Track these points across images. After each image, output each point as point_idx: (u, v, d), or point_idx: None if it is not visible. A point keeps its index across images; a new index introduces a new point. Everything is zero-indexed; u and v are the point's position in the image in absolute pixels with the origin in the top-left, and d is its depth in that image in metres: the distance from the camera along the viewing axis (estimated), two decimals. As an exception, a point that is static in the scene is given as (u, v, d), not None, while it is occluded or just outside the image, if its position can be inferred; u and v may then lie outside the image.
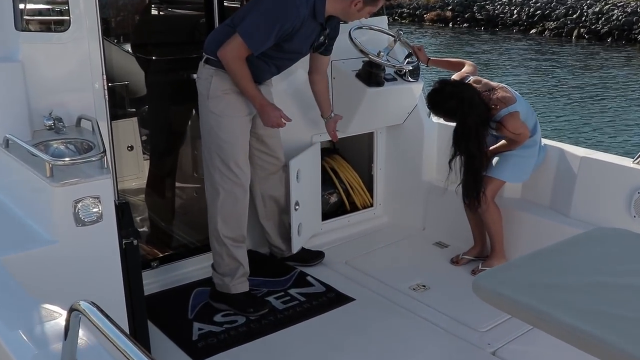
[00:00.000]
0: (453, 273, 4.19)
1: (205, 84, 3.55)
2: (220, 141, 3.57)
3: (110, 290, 2.78)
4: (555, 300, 2.16)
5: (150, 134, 4.96)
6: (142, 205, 4.62)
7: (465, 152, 3.95)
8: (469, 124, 3.88)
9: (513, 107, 3.93)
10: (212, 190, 3.68)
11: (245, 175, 3.68)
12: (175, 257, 4.15)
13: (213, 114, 3.56)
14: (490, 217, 4.08)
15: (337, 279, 4.07)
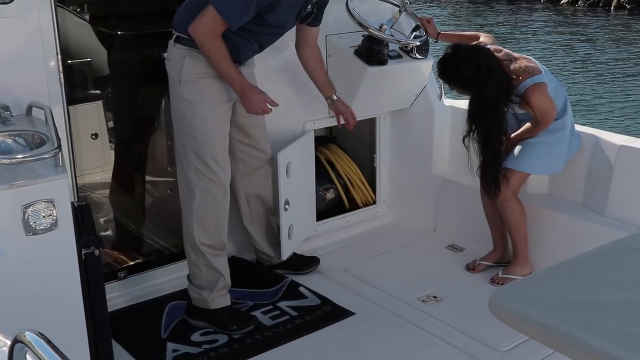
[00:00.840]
0: (469, 282, 4.19)
1: (176, 66, 3.52)
2: (196, 133, 3.55)
3: (67, 309, 2.77)
4: (586, 321, 2.14)
5: (117, 119, 4.94)
6: (107, 204, 4.63)
7: (482, 127, 3.92)
8: (486, 95, 3.85)
9: (539, 77, 3.90)
10: (186, 191, 3.66)
11: (225, 173, 3.66)
12: (145, 265, 4.13)
13: (186, 101, 3.53)
14: (512, 216, 4.06)
15: (335, 290, 4.07)
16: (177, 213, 4.37)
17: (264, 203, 4.13)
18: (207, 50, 3.40)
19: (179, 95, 3.55)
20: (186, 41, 3.47)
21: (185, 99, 3.53)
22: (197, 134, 3.55)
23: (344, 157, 4.87)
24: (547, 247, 4.10)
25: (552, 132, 4.02)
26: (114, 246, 4.32)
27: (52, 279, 2.72)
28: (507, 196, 4.03)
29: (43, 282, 2.70)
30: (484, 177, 4.04)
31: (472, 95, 3.93)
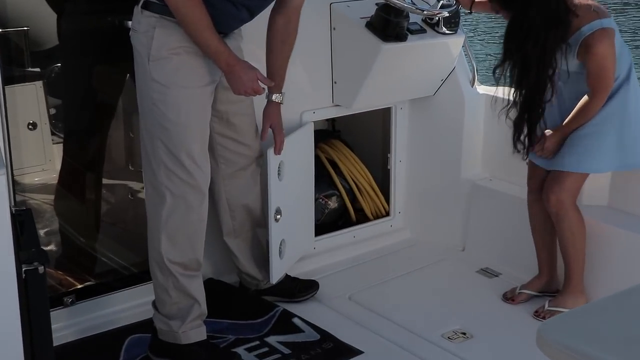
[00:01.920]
0: (507, 315, 4.21)
1: (143, 39, 3.51)
2: (167, 122, 3.54)
3: (2, 340, 2.77)
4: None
5: (64, 105, 4.94)
6: (49, 212, 4.64)
7: (518, 56, 3.89)
8: (532, 17, 3.77)
9: (608, 21, 3.86)
10: (154, 196, 3.65)
11: (203, 173, 3.67)
12: (99, 289, 4.14)
13: (156, 82, 3.52)
14: (569, 229, 4.06)
15: (338, 322, 4.08)
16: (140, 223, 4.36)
17: (251, 212, 4.15)
18: (185, 17, 3.39)
19: (147, 75, 3.53)
20: (157, 7, 3.46)
21: (155, 79, 3.51)
22: (169, 124, 3.53)
23: (351, 157, 4.91)
24: (605, 272, 4.12)
25: (614, 115, 4.00)
26: (59, 265, 4.33)
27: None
28: (564, 202, 4.02)
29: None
30: (515, 131, 4.01)
31: (512, 15, 3.86)
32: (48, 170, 4.81)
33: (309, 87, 4.20)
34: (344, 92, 4.52)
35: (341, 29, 4.43)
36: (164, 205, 3.61)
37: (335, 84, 4.53)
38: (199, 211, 3.69)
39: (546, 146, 4.02)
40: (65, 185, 4.61)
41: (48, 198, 4.71)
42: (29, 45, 4.41)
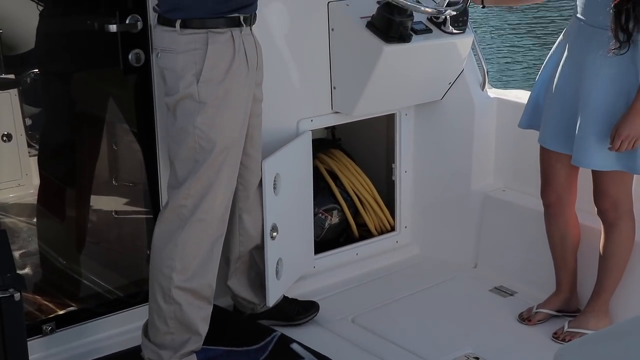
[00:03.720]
0: (523, 337, 4.21)
1: (191, 57, 3.52)
2: (212, 147, 3.57)
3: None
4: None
5: (41, 116, 4.95)
6: (25, 232, 4.66)
7: None
8: None
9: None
10: (173, 216, 3.66)
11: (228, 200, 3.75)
12: (80, 315, 4.12)
13: (204, 105, 3.53)
14: (623, 241, 4.06)
15: (340, 347, 4.08)
16: (125, 243, 4.39)
17: (253, 234, 4.16)
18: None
19: (191, 98, 3.55)
20: (204, 22, 3.48)
21: (202, 101, 3.53)
22: (215, 150, 3.57)
23: (352, 168, 4.92)
24: (632, 292, 4.13)
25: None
26: (38, 289, 4.33)
27: None
28: (620, 208, 4.02)
29: None
30: (621, 5, 3.72)
31: None
32: (24, 186, 4.82)
33: (306, 93, 4.21)
34: (344, 97, 4.53)
35: (340, 30, 4.44)
36: (184, 227, 3.62)
37: (335, 89, 4.53)
38: (219, 240, 3.74)
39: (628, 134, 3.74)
40: (43, 202, 4.61)
41: (25, 216, 4.71)
42: (3, 49, 4.42)
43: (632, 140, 3.77)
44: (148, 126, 4.12)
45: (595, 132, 3.88)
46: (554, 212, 4.22)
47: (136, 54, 3.98)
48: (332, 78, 4.51)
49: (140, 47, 3.97)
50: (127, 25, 3.94)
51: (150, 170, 4.19)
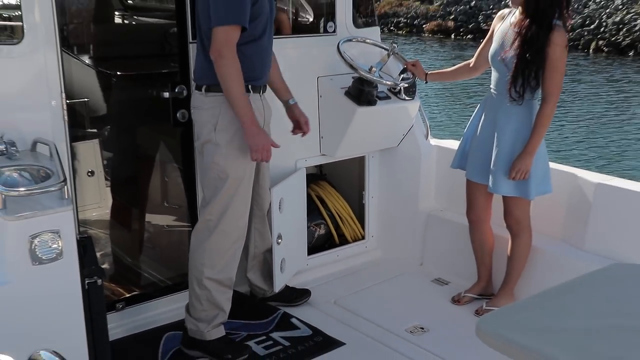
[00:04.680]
0: (454, 313, 4.22)
1: (211, 113, 3.50)
2: (226, 176, 3.55)
3: (71, 336, 2.79)
4: (568, 345, 2.19)
5: (114, 158, 4.96)
6: (104, 239, 4.63)
7: (538, 16, 3.69)
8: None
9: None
10: (204, 228, 3.64)
11: (246, 216, 3.70)
12: (143, 297, 4.14)
13: (220, 147, 3.52)
14: (523, 245, 4.07)
15: (325, 321, 4.08)
16: (174, 248, 4.38)
17: (265, 241, 4.16)
18: (225, 67, 3.32)
19: (212, 142, 3.53)
20: (219, 88, 3.45)
21: (220, 144, 3.51)
22: (228, 177, 3.55)
23: (334, 194, 4.91)
24: (529, 280, 4.13)
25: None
26: (112, 279, 4.32)
27: (56, 308, 2.74)
28: (522, 223, 4.02)
29: (48, 310, 2.72)
30: (518, 73, 3.76)
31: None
32: (102, 207, 4.80)
33: (302, 140, 4.25)
34: (328, 144, 4.54)
35: (326, 96, 4.46)
36: (211, 236, 3.61)
37: (322, 138, 4.54)
38: (238, 243, 3.72)
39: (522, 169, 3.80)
40: (116, 218, 4.61)
41: (102, 228, 4.71)
42: (89, 112, 4.44)
43: (523, 173, 3.82)
44: (189, 164, 4.12)
45: (503, 169, 3.89)
46: (476, 226, 4.23)
47: (182, 112, 4.01)
48: (320, 130, 4.51)
49: (185, 108, 3.98)
50: (176, 92, 3.97)
51: (190, 195, 4.20)
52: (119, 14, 5.04)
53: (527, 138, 3.84)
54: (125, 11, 5.06)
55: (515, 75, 3.77)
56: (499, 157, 3.91)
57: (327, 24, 4.59)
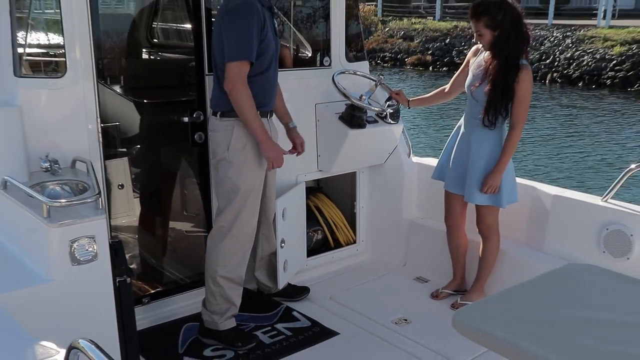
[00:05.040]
0: (433, 307, 4.21)
1: (225, 134, 3.52)
2: (237, 189, 3.56)
3: (104, 327, 2.80)
4: (530, 334, 2.22)
5: (141, 173, 4.97)
6: (132, 242, 4.63)
7: (505, 57, 3.72)
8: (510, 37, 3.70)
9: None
10: (218, 233, 3.66)
11: (254, 223, 3.71)
12: (165, 293, 4.14)
13: (232, 164, 3.53)
14: (492, 247, 4.07)
15: (322, 314, 4.08)
16: (192, 250, 4.38)
17: (270, 244, 4.17)
18: (239, 98, 3.35)
19: (225, 159, 3.55)
20: (231, 113, 3.48)
21: (231, 161, 3.52)
22: (239, 191, 3.56)
23: (330, 204, 4.90)
24: (497, 278, 4.14)
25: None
26: (139, 277, 4.32)
27: (92, 302, 2.76)
28: (492, 228, 4.03)
29: (85, 304, 2.73)
30: (490, 105, 3.78)
31: (499, 32, 3.72)
32: (130, 215, 4.79)
33: (302, 158, 4.25)
34: (325, 161, 4.55)
35: (322, 120, 4.47)
36: (224, 240, 3.63)
37: (319, 156, 4.55)
38: (248, 245, 3.73)
39: (493, 184, 3.85)
40: (143, 225, 4.62)
41: (131, 233, 4.70)
42: (120, 134, 4.45)
43: (493, 188, 3.85)
44: (205, 178, 4.14)
45: (477, 182, 3.92)
46: (452, 231, 4.24)
47: (199, 134, 4.03)
48: (317, 149, 4.52)
49: (201, 130, 4.01)
50: (194, 117, 4.00)
51: (206, 205, 4.21)
52: (146, 50, 5.06)
53: (497, 158, 3.87)
54: (152, 48, 5.08)
55: (488, 108, 3.81)
56: (474, 173, 3.93)
57: (323, 58, 4.61)
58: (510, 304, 2.48)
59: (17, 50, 3.32)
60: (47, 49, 3.61)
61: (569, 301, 2.46)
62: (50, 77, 3.43)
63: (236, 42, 3.35)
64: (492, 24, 3.74)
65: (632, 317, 2.33)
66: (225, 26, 3.39)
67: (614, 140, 14.80)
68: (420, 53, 27.75)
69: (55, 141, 3.33)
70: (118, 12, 5.52)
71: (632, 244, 3.74)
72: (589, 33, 23.90)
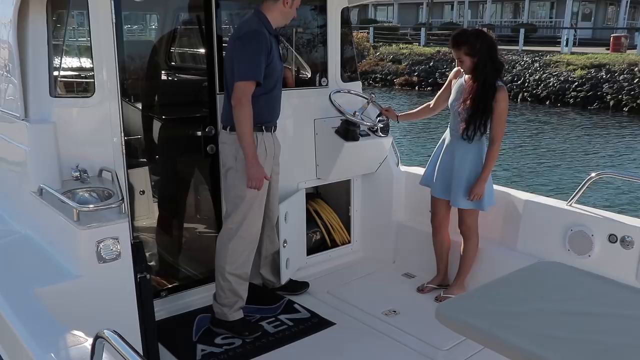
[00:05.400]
0: (419, 300, 4.21)
1: (233, 147, 3.52)
2: (243, 195, 3.56)
3: (126, 317, 2.80)
4: (505, 325, 2.22)
5: (159, 180, 4.96)
6: (151, 242, 4.61)
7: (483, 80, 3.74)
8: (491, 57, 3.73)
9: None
10: (227, 233, 3.65)
11: (258, 225, 3.70)
12: (180, 287, 4.13)
13: (238, 173, 3.53)
14: (472, 248, 4.06)
15: (320, 306, 4.07)
16: (204, 249, 4.36)
17: (274, 244, 4.16)
18: (240, 112, 3.35)
19: (232, 168, 3.55)
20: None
21: (239, 170, 3.52)
22: (245, 197, 3.56)
23: (327, 208, 4.89)
24: (475, 273, 4.14)
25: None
26: (157, 273, 4.31)
27: (115, 296, 2.77)
28: (472, 228, 4.03)
29: (109, 298, 2.74)
30: (470, 122, 3.80)
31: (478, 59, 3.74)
32: (150, 218, 4.80)
33: (302, 166, 4.23)
34: (323, 170, 4.53)
35: (320, 134, 4.46)
36: (231, 241, 3.63)
37: (318, 166, 4.54)
38: (253, 246, 3.72)
39: (478, 192, 3.87)
40: (161, 227, 4.62)
41: (150, 234, 4.69)
42: (141, 146, 4.45)
43: (478, 196, 3.89)
44: (215, 186, 4.14)
45: (462, 189, 3.94)
46: (437, 232, 4.24)
47: (211, 147, 4.04)
48: (316, 159, 4.52)
49: (213, 143, 4.01)
50: (206, 132, 4.01)
51: (216, 209, 4.21)
52: (164, 72, 5.07)
53: (478, 167, 3.90)
54: (169, 70, 5.08)
55: (468, 124, 3.84)
56: (459, 181, 3.96)
57: (321, 79, 4.61)
58: (487, 298, 2.48)
59: (52, 73, 3.34)
60: (79, 72, 3.62)
61: (539, 295, 2.47)
62: (80, 96, 3.44)
63: (245, 64, 3.37)
64: (471, 52, 3.77)
65: (595, 309, 2.33)
66: (236, 50, 3.41)
67: (577, 152, 14.93)
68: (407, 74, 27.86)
69: (84, 153, 3.34)
70: (140, 39, 5.54)
71: (593, 243, 3.75)
72: (554, 58, 24.32)
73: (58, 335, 2.17)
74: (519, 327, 2.19)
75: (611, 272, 3.24)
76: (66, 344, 2.10)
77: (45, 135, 3.21)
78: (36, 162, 3.19)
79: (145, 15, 5.68)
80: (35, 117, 3.33)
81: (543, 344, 2.08)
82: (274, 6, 3.51)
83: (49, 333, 2.21)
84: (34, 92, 3.35)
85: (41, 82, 3.32)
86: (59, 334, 2.18)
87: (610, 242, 3.67)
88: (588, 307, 2.34)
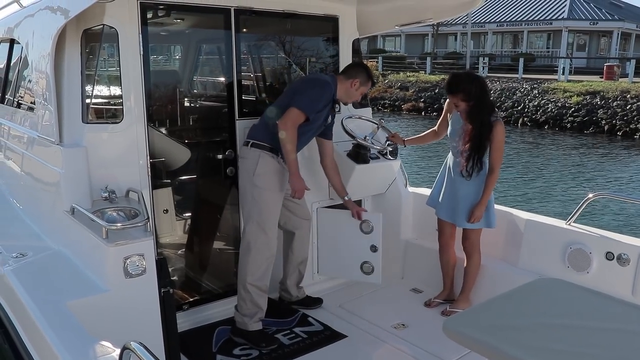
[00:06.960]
0: (427, 314, 4.18)
1: (252, 162, 3.60)
2: (260, 210, 3.59)
3: (150, 329, 2.80)
4: (507, 338, 2.20)
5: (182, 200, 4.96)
6: (174, 258, 4.62)
7: (479, 123, 3.76)
8: (484, 101, 3.76)
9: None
10: (246, 247, 3.68)
11: (275, 239, 3.72)
12: (201, 301, 4.13)
13: (257, 187, 3.58)
14: (475, 264, 4.05)
15: (333, 320, 4.06)
16: (224, 265, 4.35)
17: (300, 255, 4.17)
18: (288, 136, 3.48)
19: (251, 183, 3.61)
20: (260, 145, 3.60)
21: (256, 185, 3.58)
22: (262, 211, 3.60)
23: None
24: (479, 288, 4.12)
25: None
26: (180, 287, 4.32)
27: (141, 309, 2.77)
28: (475, 246, 4.02)
29: (135, 311, 2.74)
30: (470, 158, 3.84)
31: (472, 103, 3.76)
32: (173, 235, 4.82)
33: (316, 189, 4.22)
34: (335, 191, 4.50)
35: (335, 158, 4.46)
36: (251, 254, 3.64)
37: (331, 187, 4.48)
38: (270, 259, 3.73)
39: (478, 215, 3.90)
40: (183, 243, 4.63)
41: (173, 250, 4.70)
42: (165, 168, 4.48)
43: (478, 218, 3.90)
44: (234, 205, 4.14)
45: (465, 212, 3.96)
46: (444, 250, 4.22)
47: (230, 169, 4.05)
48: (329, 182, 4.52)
49: (232, 166, 4.02)
50: (226, 155, 4.02)
51: (235, 227, 4.22)
52: (187, 99, 5.12)
53: (479, 194, 3.91)
54: (192, 97, 5.14)
55: (467, 161, 3.89)
56: (463, 206, 3.97)
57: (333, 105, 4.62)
58: (491, 313, 2.46)
59: (85, 101, 3.39)
60: (108, 100, 3.67)
61: (540, 310, 2.44)
62: (110, 122, 3.48)
63: (307, 98, 3.56)
64: (466, 98, 3.80)
65: (593, 323, 2.31)
66: (305, 84, 3.67)
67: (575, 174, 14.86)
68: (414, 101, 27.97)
69: (113, 174, 3.37)
70: (165, 69, 5.59)
71: (591, 260, 3.71)
72: (552, 85, 24.38)
73: (88, 345, 2.18)
74: (521, 341, 2.17)
75: (608, 288, 3.21)
76: (95, 354, 2.10)
77: (78, 159, 3.26)
78: (69, 184, 3.23)
79: (170, 47, 5.75)
80: (68, 142, 3.38)
81: (545, 357, 2.06)
82: (344, 81, 3.78)
83: (79, 343, 2.21)
84: (68, 118, 3.40)
85: (75, 110, 3.38)
86: (88, 344, 2.18)
87: (608, 259, 3.64)
88: (587, 322, 2.31)
